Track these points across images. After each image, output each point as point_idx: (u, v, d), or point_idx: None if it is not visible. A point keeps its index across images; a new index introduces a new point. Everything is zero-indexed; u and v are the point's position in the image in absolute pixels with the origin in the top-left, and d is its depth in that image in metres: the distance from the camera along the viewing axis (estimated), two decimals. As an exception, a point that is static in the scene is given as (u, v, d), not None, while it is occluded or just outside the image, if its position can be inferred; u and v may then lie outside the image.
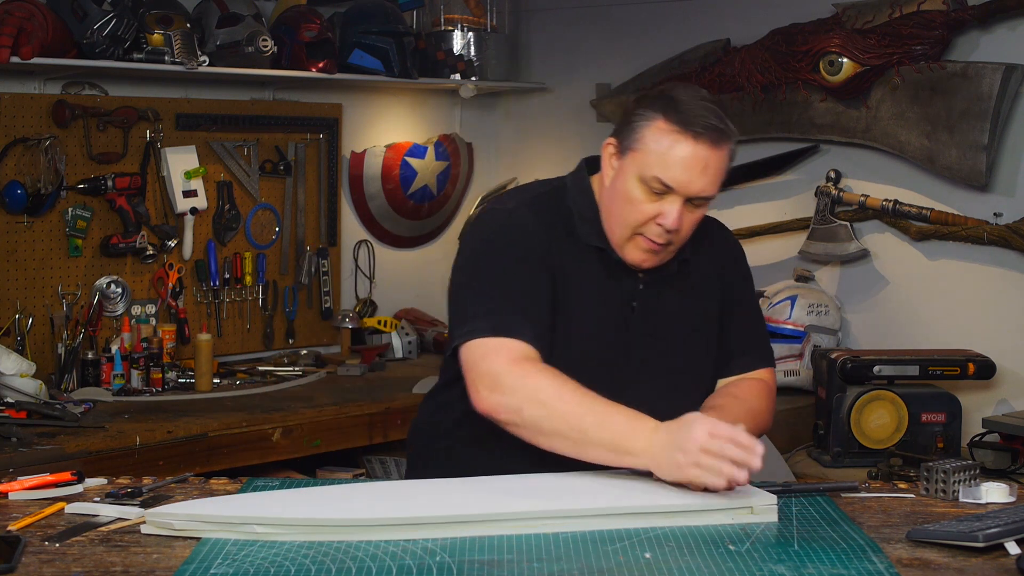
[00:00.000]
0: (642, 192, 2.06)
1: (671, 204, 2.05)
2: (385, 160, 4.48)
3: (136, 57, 3.61)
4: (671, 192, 2.04)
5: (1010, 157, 3.49)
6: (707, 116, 2.02)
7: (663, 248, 2.11)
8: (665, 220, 2.05)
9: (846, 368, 3.25)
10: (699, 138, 2.02)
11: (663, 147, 2.03)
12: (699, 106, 2.03)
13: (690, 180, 2.03)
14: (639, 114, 2.07)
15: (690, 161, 2.02)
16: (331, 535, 1.74)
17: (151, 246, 3.83)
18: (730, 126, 2.06)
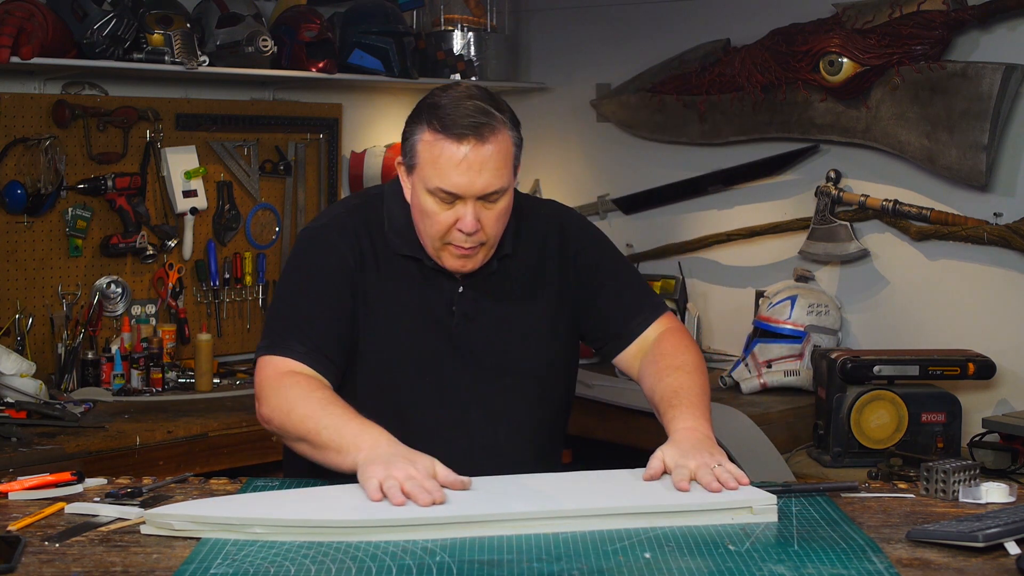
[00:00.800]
0: (434, 203, 2.08)
1: (464, 208, 2.06)
2: (385, 160, 4.48)
3: (136, 57, 3.61)
4: (459, 197, 2.06)
5: (1010, 157, 3.49)
6: (468, 115, 2.03)
7: (476, 249, 2.12)
8: (464, 225, 2.07)
9: (846, 368, 3.25)
10: (463, 139, 2.03)
11: (434, 156, 2.05)
12: (461, 108, 2.04)
13: (470, 181, 2.04)
14: (410, 129, 2.10)
15: (462, 164, 2.03)
16: (331, 535, 1.74)
17: (151, 246, 3.83)
18: (498, 115, 2.05)
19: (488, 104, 2.07)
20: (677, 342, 2.25)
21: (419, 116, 2.09)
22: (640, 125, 4.34)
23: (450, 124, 2.03)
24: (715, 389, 3.78)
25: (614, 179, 4.49)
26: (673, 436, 2.03)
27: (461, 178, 2.04)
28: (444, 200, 2.07)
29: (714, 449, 1.98)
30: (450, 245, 2.11)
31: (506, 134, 2.07)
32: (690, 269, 4.24)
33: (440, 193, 2.06)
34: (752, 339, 3.80)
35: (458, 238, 2.09)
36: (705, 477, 1.90)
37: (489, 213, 2.09)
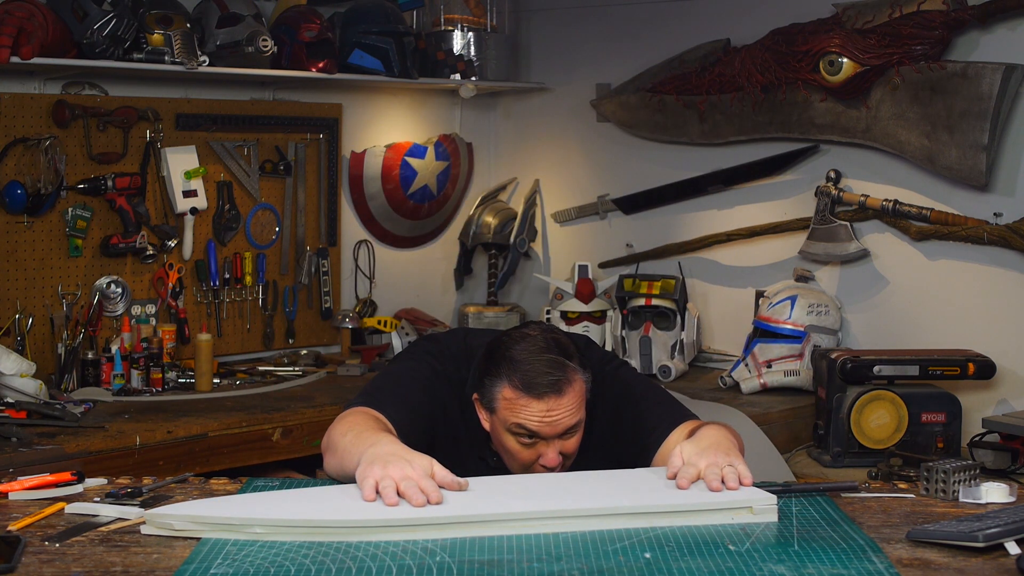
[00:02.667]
0: (516, 442, 2.20)
1: (546, 447, 2.19)
2: (385, 160, 4.48)
3: (136, 57, 3.60)
4: (540, 438, 2.18)
5: (1010, 157, 3.49)
6: (546, 372, 2.16)
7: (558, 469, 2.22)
8: (547, 461, 2.20)
9: (846, 368, 3.25)
10: (544, 396, 2.15)
11: (516, 408, 2.17)
12: (537, 363, 2.17)
13: (551, 426, 2.17)
14: (488, 375, 2.22)
15: (543, 415, 2.16)
16: (331, 535, 1.74)
17: (151, 246, 3.83)
18: (572, 364, 2.19)
19: (563, 354, 2.20)
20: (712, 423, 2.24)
21: (498, 368, 2.20)
22: (640, 125, 4.34)
23: (531, 383, 2.16)
24: (715, 389, 3.79)
25: (614, 179, 4.49)
26: (695, 434, 2.08)
27: (541, 427, 2.17)
28: (525, 438, 2.19)
29: (731, 450, 2.00)
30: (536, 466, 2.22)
31: (579, 379, 2.20)
32: (690, 269, 4.24)
33: (521, 431, 2.18)
34: (752, 339, 3.80)
35: (542, 468, 2.21)
36: (710, 477, 1.91)
37: (569, 443, 2.21)
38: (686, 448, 2.00)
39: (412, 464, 1.88)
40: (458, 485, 1.89)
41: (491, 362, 2.22)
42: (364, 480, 1.86)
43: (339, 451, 2.05)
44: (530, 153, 4.77)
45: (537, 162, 4.73)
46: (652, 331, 3.99)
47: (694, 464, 1.94)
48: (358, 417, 2.12)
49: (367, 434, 2.02)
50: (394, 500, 1.81)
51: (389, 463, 1.87)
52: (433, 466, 1.90)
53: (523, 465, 2.22)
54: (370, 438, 1.99)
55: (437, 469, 1.90)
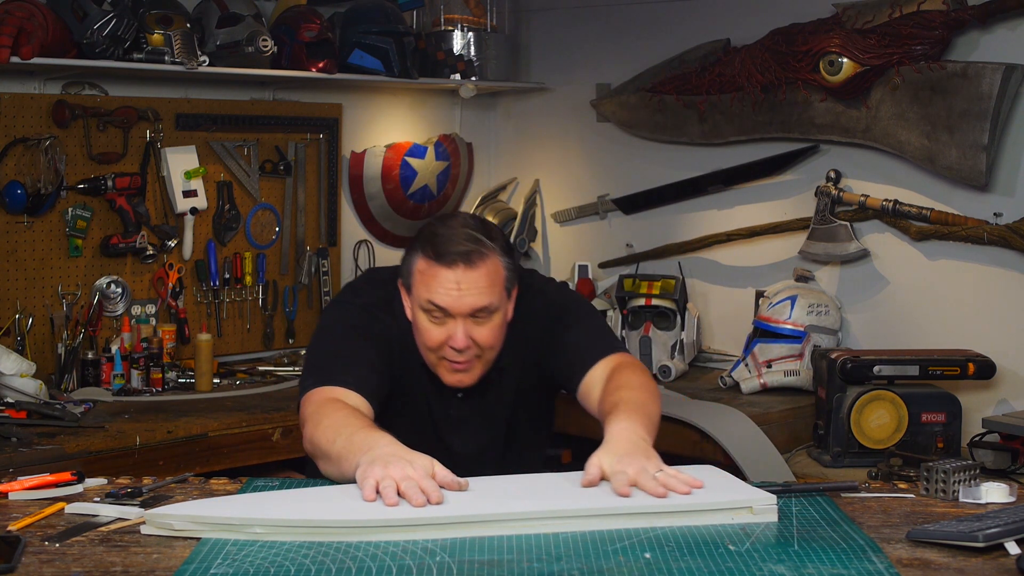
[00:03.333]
0: (427, 320, 2.27)
1: (454, 325, 2.25)
2: (385, 160, 4.49)
3: (136, 57, 3.60)
4: (448, 315, 2.24)
5: (1010, 157, 3.49)
6: (459, 243, 2.23)
7: (472, 363, 2.30)
8: (454, 341, 2.25)
9: (846, 368, 3.25)
10: (453, 265, 2.23)
11: (427, 280, 2.25)
12: (454, 236, 2.24)
13: (460, 302, 2.23)
14: (408, 253, 2.31)
15: (451, 286, 2.23)
16: (331, 535, 1.74)
17: (151, 246, 3.83)
18: (490, 243, 2.26)
19: (481, 233, 2.26)
20: (629, 370, 2.32)
21: (416, 242, 2.29)
22: (640, 125, 4.34)
23: (442, 252, 2.23)
24: (715, 389, 3.79)
25: (614, 179, 4.49)
26: (606, 439, 2.04)
27: (448, 298, 2.23)
28: (435, 316, 2.25)
29: (649, 452, 1.98)
30: (444, 360, 2.29)
31: (496, 260, 2.26)
32: (690, 269, 4.24)
33: (430, 307, 2.24)
34: (752, 339, 3.80)
35: (450, 353, 2.27)
36: (648, 483, 1.88)
37: (483, 328, 2.27)
38: (604, 458, 1.96)
39: (413, 464, 1.88)
40: (458, 485, 1.89)
41: (412, 241, 2.31)
42: (364, 480, 1.86)
43: (334, 458, 2.04)
44: (530, 153, 4.77)
45: (537, 162, 4.73)
46: (652, 331, 3.99)
47: (622, 472, 1.91)
48: (336, 415, 2.10)
49: (360, 435, 2.01)
50: (394, 500, 1.81)
51: (390, 463, 1.87)
52: (434, 466, 1.90)
53: (434, 350, 2.27)
54: (365, 440, 1.99)
55: (438, 469, 1.90)
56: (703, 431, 3.37)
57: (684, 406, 3.53)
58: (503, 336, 2.32)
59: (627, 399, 2.17)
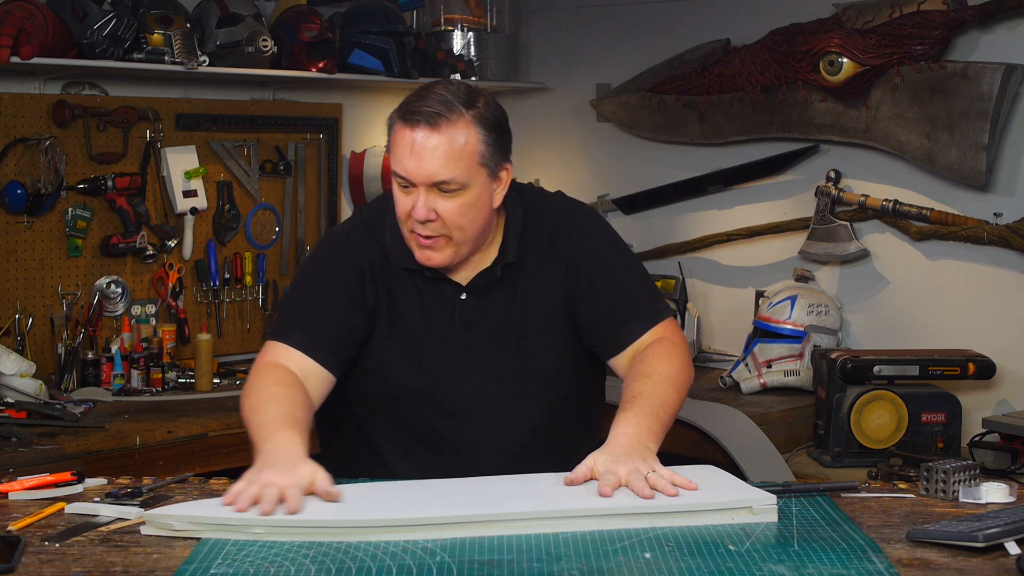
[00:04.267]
0: (398, 189, 2.11)
1: (418, 195, 2.08)
2: (385, 160, 4.48)
3: (136, 57, 3.61)
4: (412, 183, 2.08)
5: (1010, 157, 3.49)
6: (429, 103, 2.06)
7: (437, 240, 2.12)
8: (416, 212, 2.08)
9: (846, 368, 3.25)
10: (416, 126, 2.06)
11: (393, 142, 2.10)
12: (428, 96, 2.08)
13: (418, 167, 2.06)
14: (390, 117, 2.13)
15: (412, 148, 2.06)
16: (331, 535, 1.74)
17: (151, 246, 3.83)
18: (460, 109, 2.08)
19: (457, 99, 2.09)
20: (662, 349, 2.18)
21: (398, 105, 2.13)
22: (640, 125, 4.34)
23: (410, 111, 2.07)
24: (715, 389, 3.79)
25: (614, 179, 4.49)
26: (609, 439, 1.99)
27: (409, 163, 2.07)
28: (403, 184, 2.09)
29: (648, 455, 1.94)
30: (412, 233, 2.13)
31: (468, 129, 2.09)
32: (690, 269, 4.24)
33: (398, 177, 2.09)
34: (752, 339, 3.80)
35: (416, 226, 2.11)
36: (637, 484, 1.86)
37: (447, 205, 2.09)
38: (599, 458, 1.93)
39: (291, 473, 1.83)
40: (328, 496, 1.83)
41: None
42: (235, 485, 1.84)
43: (250, 429, 2.00)
44: (530, 153, 4.76)
45: (537, 162, 4.73)
46: (652, 331, 3.98)
47: (613, 472, 1.89)
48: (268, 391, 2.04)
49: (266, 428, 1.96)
50: (243, 507, 1.78)
51: (264, 469, 1.84)
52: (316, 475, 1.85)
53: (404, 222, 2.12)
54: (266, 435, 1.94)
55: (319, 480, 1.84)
56: (703, 431, 3.37)
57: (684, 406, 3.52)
58: (481, 220, 2.13)
59: (644, 393, 2.07)
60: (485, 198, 2.14)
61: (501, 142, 2.17)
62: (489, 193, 2.16)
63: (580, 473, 1.92)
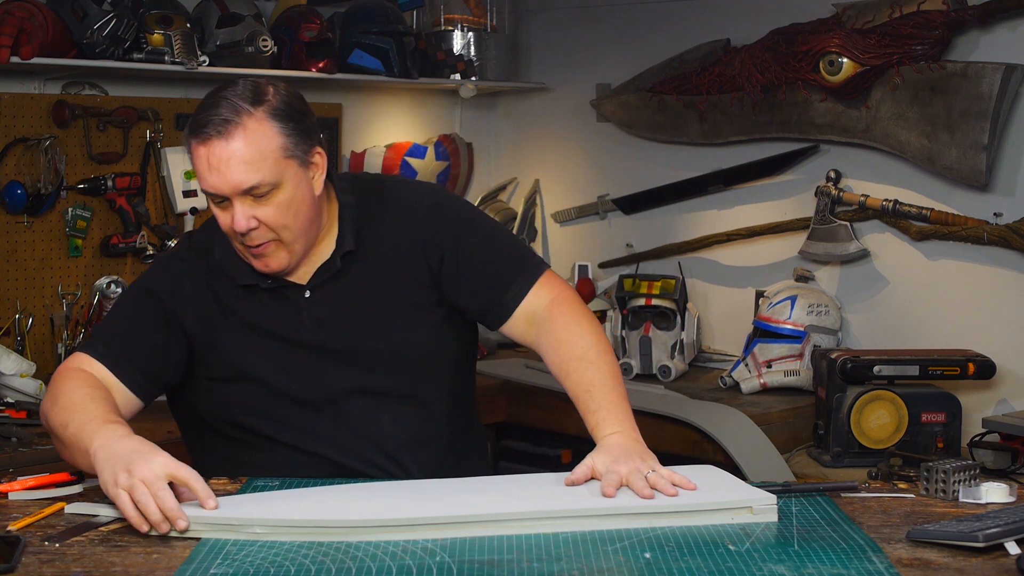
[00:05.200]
0: (214, 207, 2.07)
1: (233, 208, 2.03)
2: (385, 160, 4.48)
3: (136, 57, 3.60)
4: (224, 197, 2.03)
5: (1010, 157, 3.49)
6: (215, 112, 1.99)
7: (268, 246, 2.07)
8: (236, 224, 2.04)
9: (846, 368, 3.25)
10: (208, 140, 2.00)
11: (194, 161, 2.04)
12: (213, 105, 2.00)
13: (222, 180, 2.00)
14: (184, 135, 2.07)
15: (210, 163, 2.00)
16: (331, 535, 1.74)
17: (151, 246, 3.83)
18: (248, 109, 2.00)
19: (243, 99, 2.01)
20: (571, 320, 2.14)
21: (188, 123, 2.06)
22: (640, 125, 4.34)
23: (195, 127, 2.01)
24: (715, 389, 3.79)
25: (614, 179, 4.49)
26: (601, 443, 1.99)
27: (213, 178, 2.01)
28: (216, 200, 2.05)
29: (645, 454, 1.96)
30: (244, 247, 2.09)
31: (262, 126, 2.01)
32: (690, 269, 4.24)
33: (208, 195, 2.05)
34: (752, 339, 3.80)
35: (241, 238, 2.06)
36: (637, 483, 1.87)
37: (266, 209, 2.03)
38: (598, 458, 1.94)
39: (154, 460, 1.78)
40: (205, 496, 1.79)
41: None
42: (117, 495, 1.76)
43: (67, 444, 1.93)
44: (530, 153, 4.77)
45: (537, 162, 4.73)
46: (652, 331, 3.99)
47: (614, 472, 1.89)
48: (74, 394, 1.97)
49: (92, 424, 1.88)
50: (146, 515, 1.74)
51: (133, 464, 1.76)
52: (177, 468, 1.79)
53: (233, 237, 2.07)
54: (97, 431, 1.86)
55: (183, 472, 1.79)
56: (703, 431, 3.37)
57: (684, 406, 3.53)
58: (305, 212, 2.07)
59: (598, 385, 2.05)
60: (303, 190, 2.07)
61: (303, 128, 2.08)
62: (307, 183, 2.08)
63: (580, 473, 1.93)
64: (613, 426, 2.02)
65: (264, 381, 2.15)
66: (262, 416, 2.17)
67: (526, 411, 3.86)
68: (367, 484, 2.01)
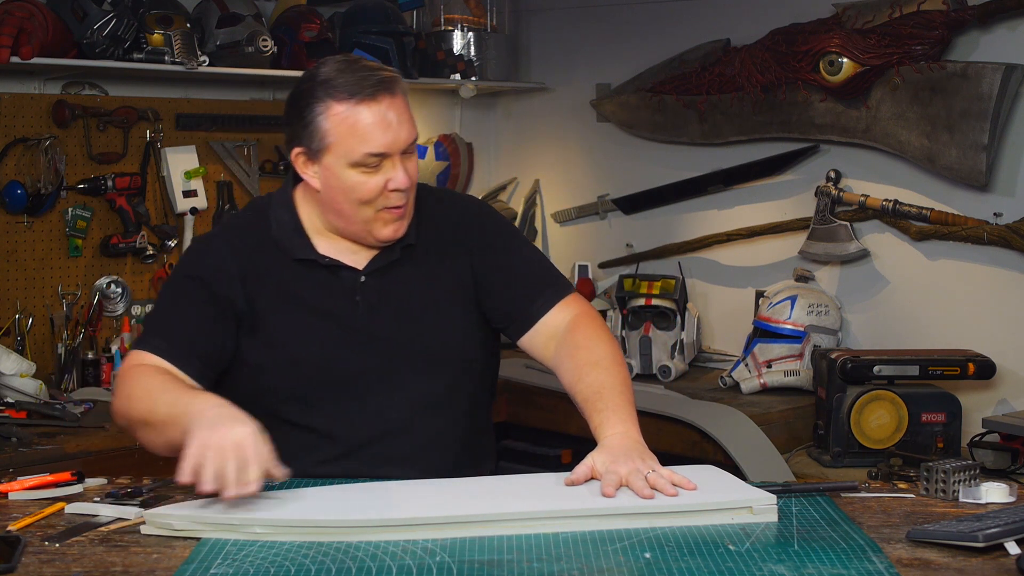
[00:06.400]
0: (360, 174, 2.07)
1: (392, 167, 2.07)
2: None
3: (136, 57, 3.61)
4: (386, 157, 2.06)
5: (1010, 157, 3.49)
6: (367, 76, 2.05)
7: (407, 206, 2.13)
8: (396, 183, 2.07)
9: (846, 368, 3.25)
10: (377, 95, 2.04)
11: (351, 126, 2.05)
12: (353, 72, 2.05)
13: (395, 137, 2.06)
14: (309, 111, 2.07)
15: (385, 121, 2.05)
16: (331, 535, 1.74)
17: (151, 246, 3.84)
18: (386, 66, 2.10)
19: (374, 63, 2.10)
20: (591, 332, 2.18)
21: (314, 95, 2.06)
22: (640, 125, 4.34)
23: (358, 89, 2.04)
24: (715, 389, 3.79)
25: (614, 179, 4.50)
26: (602, 443, 2.00)
27: (386, 136, 2.05)
28: (370, 166, 2.06)
29: (645, 454, 1.95)
30: (383, 211, 2.11)
31: (402, 82, 2.10)
32: (690, 269, 4.24)
33: (369, 159, 2.06)
34: (752, 339, 3.80)
35: (392, 199, 2.09)
36: (637, 483, 1.87)
37: (411, 164, 2.10)
38: (598, 458, 1.94)
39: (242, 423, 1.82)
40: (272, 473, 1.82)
41: (301, 101, 2.08)
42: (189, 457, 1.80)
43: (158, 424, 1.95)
44: (530, 153, 4.77)
45: (537, 162, 4.73)
46: (652, 331, 3.99)
47: (614, 472, 1.89)
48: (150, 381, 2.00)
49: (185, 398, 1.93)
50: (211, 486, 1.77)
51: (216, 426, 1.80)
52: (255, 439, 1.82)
53: (371, 202, 2.09)
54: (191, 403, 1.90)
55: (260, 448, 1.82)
56: (703, 431, 3.37)
57: (684, 406, 3.53)
58: None
59: (608, 387, 2.07)
60: None
61: None
62: None
63: (580, 473, 1.93)
64: (616, 426, 2.02)
65: (307, 360, 2.15)
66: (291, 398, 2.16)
67: (526, 411, 3.86)
68: (367, 484, 2.01)
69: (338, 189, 2.09)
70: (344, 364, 2.16)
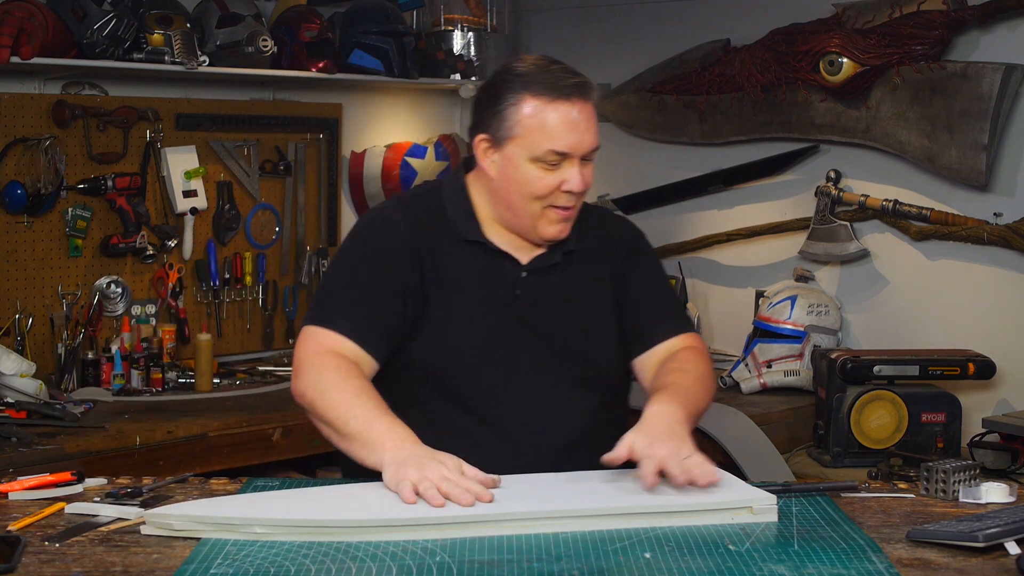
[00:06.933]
0: (538, 169, 2.10)
1: (570, 168, 2.11)
2: (385, 160, 4.48)
3: (136, 57, 3.60)
4: (566, 157, 2.09)
5: (1010, 157, 3.49)
6: (566, 75, 2.09)
7: (576, 208, 2.17)
8: (571, 185, 2.11)
9: (846, 368, 3.25)
10: (571, 97, 2.08)
11: (541, 121, 2.08)
12: (554, 72, 2.10)
13: (580, 139, 2.09)
14: (503, 100, 2.10)
15: (573, 123, 2.08)
16: (331, 535, 1.74)
17: (151, 246, 3.83)
18: (584, 74, 2.13)
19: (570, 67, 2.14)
20: (692, 355, 2.23)
21: (511, 86, 2.10)
22: (640, 125, 4.34)
23: (556, 86, 2.08)
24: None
25: (614, 179, 4.49)
26: (643, 419, 1.99)
27: (573, 137, 2.08)
28: (550, 164, 2.09)
29: (684, 435, 1.96)
30: (549, 209, 2.13)
31: (596, 91, 2.15)
32: (690, 269, 4.24)
33: (551, 156, 2.08)
34: (752, 339, 3.80)
35: (562, 199, 2.12)
36: (673, 469, 1.87)
37: (588, 171, 2.13)
38: (637, 439, 1.93)
39: (446, 464, 1.86)
40: (492, 482, 1.87)
41: (496, 91, 2.12)
42: (401, 483, 1.83)
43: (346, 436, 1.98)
44: (530, 153, 4.76)
45: (537, 162, 4.73)
46: (652, 331, 3.98)
47: (652, 456, 1.89)
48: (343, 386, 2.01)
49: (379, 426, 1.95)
50: (441, 501, 1.79)
51: (423, 465, 1.84)
52: (462, 466, 1.88)
53: (543, 197, 2.11)
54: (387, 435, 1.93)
55: (466, 468, 1.87)
56: (703, 431, 3.36)
57: (684, 406, 3.53)
58: None
59: (677, 383, 2.10)
60: None
61: None
62: None
63: (619, 453, 1.93)
64: (661, 404, 2.02)
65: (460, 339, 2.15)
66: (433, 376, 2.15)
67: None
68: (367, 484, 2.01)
69: (513, 180, 2.13)
70: (498, 351, 2.16)
